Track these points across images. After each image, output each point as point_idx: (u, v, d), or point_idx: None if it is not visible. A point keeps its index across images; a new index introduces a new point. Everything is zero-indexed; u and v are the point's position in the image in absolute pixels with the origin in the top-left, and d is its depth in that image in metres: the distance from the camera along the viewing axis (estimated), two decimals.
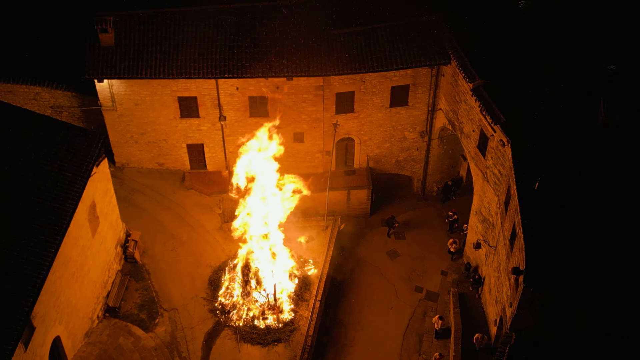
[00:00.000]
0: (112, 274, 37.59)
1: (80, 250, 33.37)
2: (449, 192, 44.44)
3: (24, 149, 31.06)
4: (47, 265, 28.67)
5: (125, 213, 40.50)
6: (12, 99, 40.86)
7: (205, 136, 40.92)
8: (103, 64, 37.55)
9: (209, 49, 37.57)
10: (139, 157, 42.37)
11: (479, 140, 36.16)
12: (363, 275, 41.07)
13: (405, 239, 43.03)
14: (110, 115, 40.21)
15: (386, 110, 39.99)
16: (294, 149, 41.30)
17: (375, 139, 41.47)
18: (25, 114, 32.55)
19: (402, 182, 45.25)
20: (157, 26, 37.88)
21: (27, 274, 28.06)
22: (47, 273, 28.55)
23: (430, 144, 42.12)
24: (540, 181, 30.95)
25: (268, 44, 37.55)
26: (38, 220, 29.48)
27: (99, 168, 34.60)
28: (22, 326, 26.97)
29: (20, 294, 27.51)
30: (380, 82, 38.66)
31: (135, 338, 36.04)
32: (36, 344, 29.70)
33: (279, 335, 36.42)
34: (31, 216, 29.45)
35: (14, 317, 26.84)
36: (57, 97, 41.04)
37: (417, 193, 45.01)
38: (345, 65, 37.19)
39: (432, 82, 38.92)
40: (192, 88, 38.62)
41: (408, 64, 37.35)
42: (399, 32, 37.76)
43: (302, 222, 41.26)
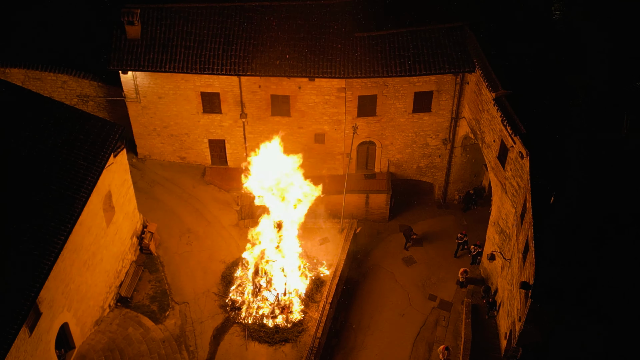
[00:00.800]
0: (126, 264, 37.90)
1: (93, 239, 33.69)
2: (470, 202, 43.96)
3: (42, 135, 31.46)
4: (56, 252, 28.97)
5: (144, 205, 40.87)
6: (40, 86, 41.53)
7: (226, 132, 41.05)
8: (128, 56, 37.90)
9: (233, 46, 37.67)
10: (161, 150, 42.67)
11: (499, 150, 35.71)
12: (377, 280, 40.82)
13: (423, 246, 42.67)
14: (133, 107, 40.57)
15: (409, 116, 39.68)
16: (314, 149, 41.24)
17: (397, 144, 41.19)
18: (46, 102, 32.97)
19: (423, 188, 44.88)
20: (184, 21, 38.09)
21: (35, 259, 28.39)
22: (55, 260, 28.84)
23: (452, 152, 41.70)
24: (556, 196, 30.47)
25: (292, 43, 37.50)
26: (50, 207, 29.83)
27: (117, 159, 34.93)
28: (27, 311, 27.30)
29: (27, 279, 27.83)
30: (404, 87, 38.37)
31: (144, 329, 36.30)
32: (42, 329, 30.06)
33: (287, 335, 36.38)
34: (44, 202, 29.79)
35: (18, 302, 27.14)
36: (84, 86, 41.52)
37: (438, 201, 44.60)
38: (367, 68, 36.99)
39: (456, 89, 38.51)
40: (215, 84, 38.76)
41: (432, 70, 37.01)
42: (424, 37, 37.42)
43: (319, 223, 41.13)
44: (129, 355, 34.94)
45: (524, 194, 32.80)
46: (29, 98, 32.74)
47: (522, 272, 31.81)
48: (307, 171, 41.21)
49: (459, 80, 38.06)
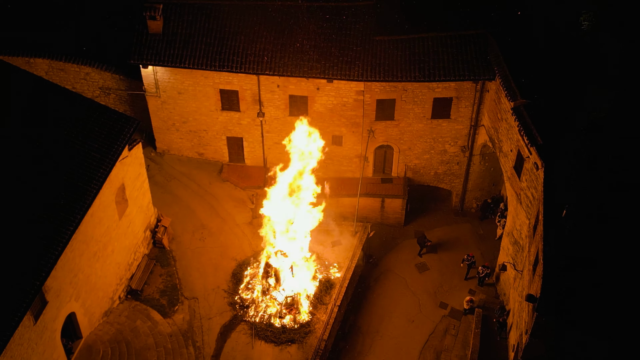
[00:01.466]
0: (139, 257, 38.13)
1: (105, 231, 33.93)
2: (487, 210, 43.55)
3: (58, 126, 31.75)
4: (64, 242, 29.18)
5: (160, 199, 41.12)
6: (63, 76, 41.98)
7: (244, 130, 41.13)
8: (149, 51, 38.14)
9: (253, 44, 37.73)
10: (179, 145, 42.89)
11: (516, 160, 35.35)
12: (388, 285, 40.64)
13: (437, 253, 42.36)
14: (153, 102, 40.83)
15: (427, 121, 39.40)
16: (332, 151, 41.12)
17: (415, 149, 40.92)
18: (63, 93, 33.26)
19: (440, 195, 44.57)
20: (205, 17, 38.23)
21: (42, 248, 28.62)
22: (62, 250, 29.03)
23: (471, 160, 41.33)
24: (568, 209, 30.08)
25: (312, 44, 37.45)
26: (61, 197, 30.06)
27: (132, 152, 35.15)
28: (31, 299, 27.50)
29: (33, 267, 28.06)
30: (423, 93, 38.11)
31: (152, 322, 36.48)
32: (48, 317, 30.30)
33: (294, 336, 36.35)
34: (55, 192, 30.04)
35: (23, 290, 27.39)
36: (106, 78, 41.87)
37: (455, 208, 44.24)
38: (386, 72, 36.80)
39: (476, 97, 38.15)
40: (234, 82, 38.85)
41: (451, 77, 36.71)
42: (445, 43, 37.12)
43: (332, 225, 41.06)
44: (135, 347, 35.11)
45: (538, 206, 32.43)
46: (48, 88, 33.06)
47: (531, 285, 31.47)
48: (323, 173, 41.31)
49: (479, 87, 37.68)
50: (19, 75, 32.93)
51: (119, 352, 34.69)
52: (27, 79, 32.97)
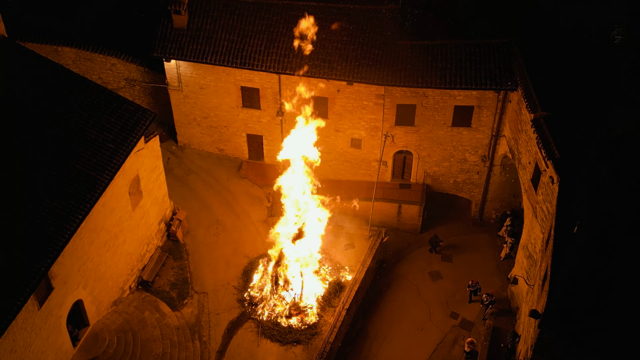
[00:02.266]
0: (152, 249, 38.40)
1: (117, 221, 34.23)
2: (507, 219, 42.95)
3: (75, 115, 32.12)
4: (72, 229, 29.47)
5: (178, 192, 41.43)
6: (90, 66, 42.49)
7: (264, 128, 41.18)
8: (172, 45, 38.41)
9: (275, 43, 37.75)
10: (200, 140, 43.12)
11: (534, 173, 34.86)
12: (400, 292, 40.33)
13: (452, 262, 41.92)
14: (175, 95, 41.11)
15: (448, 129, 39.03)
16: (350, 154, 41.02)
17: (435, 156, 40.57)
18: (83, 82, 33.63)
19: (460, 204, 44.11)
20: (230, 14, 38.36)
21: (50, 235, 28.96)
22: (69, 237, 29.34)
23: (491, 170, 40.81)
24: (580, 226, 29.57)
25: (333, 45, 37.33)
26: (72, 186, 30.40)
27: (148, 145, 35.42)
28: (35, 284, 27.83)
29: (39, 253, 28.40)
30: (444, 100, 37.75)
31: (160, 314, 36.71)
32: (53, 303, 30.67)
33: (300, 336, 36.31)
34: (67, 181, 30.39)
35: (28, 274, 27.73)
36: (131, 70, 42.25)
37: (474, 217, 43.75)
38: (407, 77, 36.52)
39: (497, 106, 37.67)
40: (255, 79, 38.92)
41: (472, 85, 36.28)
42: (468, 51, 36.72)
43: (347, 228, 40.93)
44: (141, 338, 35.37)
45: (551, 220, 31.94)
46: (68, 77, 33.46)
47: (539, 300, 30.99)
48: (341, 175, 41.25)
49: (501, 97, 37.20)
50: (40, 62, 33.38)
51: (125, 341, 34.97)
52: (48, 67, 33.40)
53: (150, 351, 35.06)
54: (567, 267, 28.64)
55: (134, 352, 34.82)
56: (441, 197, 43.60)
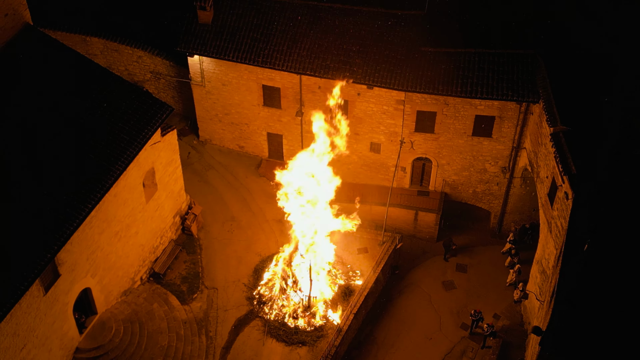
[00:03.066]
0: (165, 242, 38.64)
1: (129, 212, 34.51)
2: (524, 236, 42.36)
3: (93, 105, 32.49)
4: (80, 218, 29.81)
5: (195, 187, 41.69)
6: (117, 57, 42.97)
7: (285, 128, 41.19)
8: (196, 40, 38.64)
9: (297, 44, 37.72)
10: (221, 136, 43.31)
11: (550, 187, 34.31)
12: (411, 299, 40.02)
13: (467, 273, 41.45)
14: (198, 91, 41.35)
15: (468, 138, 38.60)
16: (369, 158, 40.82)
17: (454, 165, 40.16)
18: (103, 72, 34.03)
19: (479, 214, 43.56)
20: (255, 12, 38.46)
21: (59, 223, 29.30)
22: (77, 226, 29.69)
23: (511, 182, 40.26)
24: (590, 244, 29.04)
25: (356, 49, 37.18)
26: (84, 175, 30.74)
27: (165, 138, 35.66)
28: (40, 270, 28.20)
29: (47, 240, 28.75)
30: (465, 108, 37.36)
31: (169, 307, 36.93)
32: (60, 290, 31.03)
33: (305, 338, 36.30)
34: (79, 170, 30.73)
35: (34, 261, 28.09)
36: (157, 63, 42.62)
37: (492, 229, 43.21)
38: (428, 84, 36.20)
39: (519, 118, 37.15)
40: (277, 79, 38.95)
41: (493, 95, 35.81)
42: (491, 60, 36.23)
43: (361, 232, 40.72)
44: (148, 329, 35.61)
45: (564, 236, 31.44)
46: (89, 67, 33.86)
47: (546, 317, 30.52)
48: (359, 179, 41.08)
49: (523, 109, 36.67)
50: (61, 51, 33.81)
51: (131, 332, 35.23)
52: (69, 56, 33.82)
53: (156, 343, 35.29)
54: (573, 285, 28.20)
55: (139, 343, 35.07)
56: (460, 206, 43.14)
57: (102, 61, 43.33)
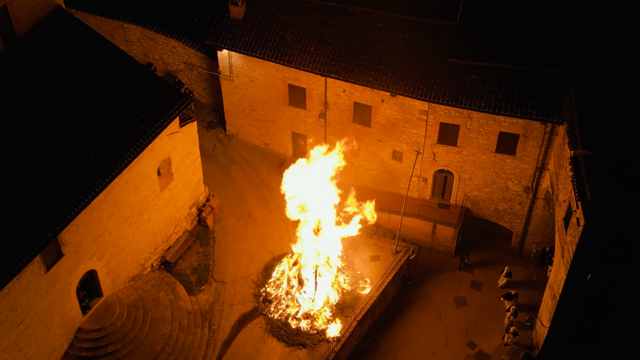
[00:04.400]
0: (179, 231, 38.97)
1: (141, 199, 34.89)
2: (544, 259, 41.35)
3: (113, 90, 32.98)
4: (86, 201, 30.28)
5: (216, 179, 42.02)
6: (152, 45, 43.52)
7: (309, 129, 41.07)
8: (226, 34, 38.82)
9: (325, 46, 37.53)
10: (247, 131, 43.47)
11: (566, 212, 33.44)
12: (420, 312, 39.50)
13: (481, 291, 40.68)
14: (226, 85, 41.56)
15: (491, 154, 37.86)
16: (391, 166, 40.43)
17: (476, 180, 39.45)
18: (126, 59, 34.48)
19: (501, 232, 42.64)
20: (286, 11, 38.42)
21: (64, 204, 29.82)
22: (82, 208, 30.20)
23: (534, 203, 39.33)
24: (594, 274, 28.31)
25: (382, 55, 36.80)
26: (95, 159, 31.18)
27: (184, 129, 35.94)
28: (40, 248, 28.74)
29: (50, 220, 29.28)
30: (489, 124, 36.64)
31: (175, 296, 37.25)
32: (62, 270, 31.58)
33: (306, 340, 36.30)
34: (91, 153, 31.21)
35: (34, 239, 28.64)
36: (190, 55, 42.97)
37: (513, 248, 42.28)
38: (451, 96, 35.59)
39: (544, 138, 36.25)
40: (303, 79, 38.86)
41: (517, 113, 35.01)
42: (518, 77, 35.40)
43: (376, 239, 40.45)
44: (151, 316, 35.97)
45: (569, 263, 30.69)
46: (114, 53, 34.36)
47: None
48: (380, 186, 40.77)
49: (548, 129, 35.77)
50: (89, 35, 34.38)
51: (135, 317, 35.65)
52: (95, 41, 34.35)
53: (158, 330, 35.65)
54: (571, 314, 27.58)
55: (141, 329, 35.47)
56: (483, 222, 42.36)
57: (139, 48, 43.99)
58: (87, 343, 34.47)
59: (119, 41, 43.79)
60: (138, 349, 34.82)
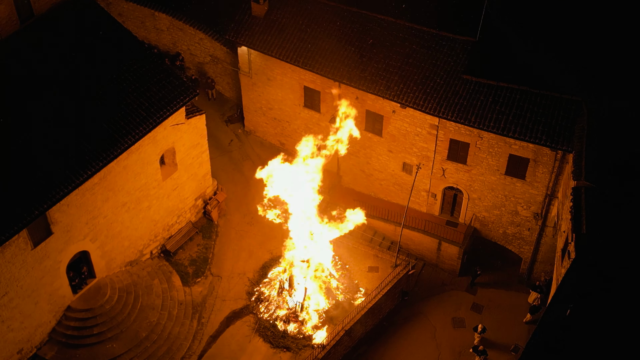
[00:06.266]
0: (182, 222, 39.24)
1: (141, 186, 35.23)
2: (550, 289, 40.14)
3: (121, 75, 33.41)
4: (77, 183, 30.71)
5: (228, 174, 42.26)
6: (180, 36, 43.97)
7: (323, 132, 40.67)
8: (245, 31, 38.95)
9: (341, 51, 37.22)
10: (264, 129, 43.50)
11: (564, 243, 32.44)
12: (415, 329, 38.80)
13: (481, 314, 39.75)
14: (245, 81, 41.68)
15: (500, 176, 36.93)
16: (401, 178, 39.89)
17: (485, 201, 38.56)
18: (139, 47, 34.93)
19: (511, 256, 41.53)
20: (308, 13, 38.30)
21: (55, 183, 30.31)
22: (73, 189, 30.61)
23: (543, 231, 38.21)
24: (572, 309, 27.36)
25: (397, 65, 36.29)
26: (91, 143, 31.64)
27: (191, 121, 36.18)
28: (24, 224, 29.26)
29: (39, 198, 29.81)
30: (499, 145, 35.74)
31: (169, 286, 37.53)
32: (51, 247, 32.10)
33: (291, 344, 36.16)
34: (89, 137, 31.67)
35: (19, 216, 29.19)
36: (216, 48, 43.22)
37: (521, 275, 41.17)
38: (460, 113, 34.83)
39: (555, 165, 35.17)
40: (318, 82, 38.65)
41: (526, 137, 34.01)
42: (532, 100, 34.37)
43: (376, 251, 39.99)
44: (142, 303, 36.28)
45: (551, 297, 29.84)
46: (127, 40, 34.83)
47: None
48: (390, 197, 40.31)
49: (559, 156, 34.68)
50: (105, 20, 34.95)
51: (125, 302, 36.02)
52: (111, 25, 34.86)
53: (146, 317, 35.96)
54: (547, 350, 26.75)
55: (129, 314, 35.82)
56: (493, 244, 41.38)
57: (168, 37, 44.50)
58: (75, 322, 34.96)
59: (150, 29, 44.45)
60: (123, 333, 35.16)
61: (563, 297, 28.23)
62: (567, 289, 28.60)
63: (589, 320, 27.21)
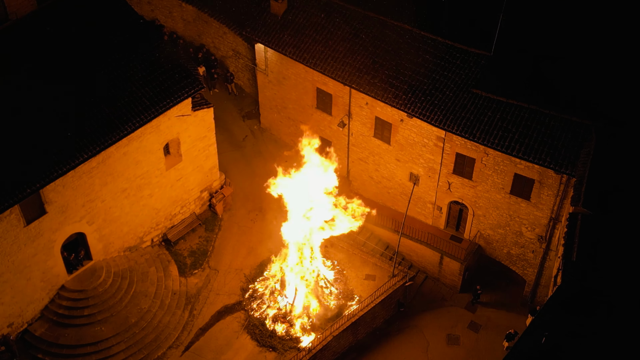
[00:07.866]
0: (186, 213, 39.53)
1: (142, 174, 35.62)
2: None
3: (128, 63, 33.82)
4: (73, 164, 31.20)
5: (238, 169, 42.52)
6: (205, 28, 44.36)
7: (334, 135, 40.64)
8: (262, 28, 39.02)
9: (354, 55, 36.96)
10: (278, 127, 43.52)
11: (557, 269, 31.66)
12: (407, 342, 38.35)
13: (478, 333, 39.05)
14: (261, 78, 41.75)
15: (505, 195, 36.16)
16: (408, 187, 39.41)
17: (490, 219, 37.83)
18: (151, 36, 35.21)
19: (516, 277, 40.68)
20: (325, 15, 38.11)
21: (50, 165, 30.84)
22: (68, 171, 31.14)
23: (547, 254, 37.31)
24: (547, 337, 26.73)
25: (408, 74, 35.85)
26: (92, 127, 32.10)
27: (198, 114, 36.42)
28: (15, 201, 29.85)
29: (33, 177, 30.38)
30: (504, 163, 35.00)
31: (165, 274, 37.85)
32: (45, 227, 32.70)
33: (278, 344, 36.13)
34: (89, 122, 32.14)
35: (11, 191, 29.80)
36: (238, 43, 43.40)
37: (524, 297, 40.30)
38: (466, 127, 34.23)
39: (560, 189, 34.29)
40: (330, 85, 38.45)
41: (530, 157, 33.21)
42: (540, 120, 33.56)
43: (375, 259, 39.62)
44: (135, 289, 36.72)
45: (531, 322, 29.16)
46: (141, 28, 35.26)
47: None
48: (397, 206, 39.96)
49: (564, 180, 33.79)
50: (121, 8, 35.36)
51: (118, 287, 36.47)
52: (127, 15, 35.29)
53: (137, 304, 36.35)
54: None
55: (121, 299, 36.26)
56: (498, 264, 40.59)
57: (194, 29, 44.91)
58: (67, 302, 35.55)
59: (177, 19, 44.92)
60: (113, 317, 35.61)
61: (540, 324, 27.56)
62: (547, 316, 27.90)
63: (564, 350, 26.52)
